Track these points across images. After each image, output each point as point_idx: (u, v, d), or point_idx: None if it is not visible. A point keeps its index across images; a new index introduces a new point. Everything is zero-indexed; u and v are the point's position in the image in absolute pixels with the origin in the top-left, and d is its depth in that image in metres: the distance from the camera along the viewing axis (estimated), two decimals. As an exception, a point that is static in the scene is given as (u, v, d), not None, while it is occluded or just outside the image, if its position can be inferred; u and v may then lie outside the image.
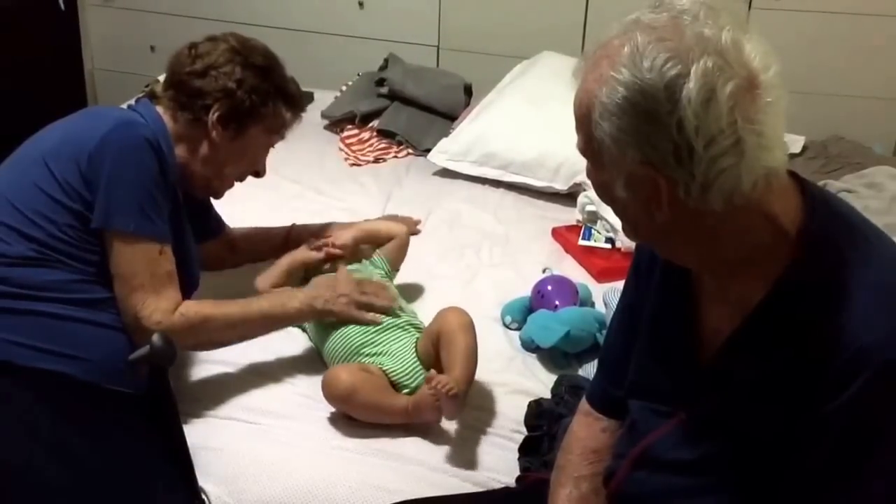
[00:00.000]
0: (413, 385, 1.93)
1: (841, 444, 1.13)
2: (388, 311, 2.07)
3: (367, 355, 1.98)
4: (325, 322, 2.06)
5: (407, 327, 2.06)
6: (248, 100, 1.94)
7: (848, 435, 1.12)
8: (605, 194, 1.22)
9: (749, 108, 1.07)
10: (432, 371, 1.88)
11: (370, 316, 2.04)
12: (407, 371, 1.95)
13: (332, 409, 1.90)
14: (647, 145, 1.10)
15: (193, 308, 1.84)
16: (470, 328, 1.96)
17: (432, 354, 1.97)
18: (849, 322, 1.10)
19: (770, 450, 1.19)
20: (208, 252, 2.24)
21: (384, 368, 1.95)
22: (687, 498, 1.29)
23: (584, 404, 1.55)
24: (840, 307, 1.11)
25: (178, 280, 1.84)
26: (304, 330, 2.16)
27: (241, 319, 1.92)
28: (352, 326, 2.03)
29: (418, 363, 1.98)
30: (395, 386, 1.94)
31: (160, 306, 1.78)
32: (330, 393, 1.88)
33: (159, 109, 1.96)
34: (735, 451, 1.23)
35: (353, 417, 1.88)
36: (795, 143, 3.25)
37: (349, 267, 2.18)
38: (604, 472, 1.44)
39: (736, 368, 1.22)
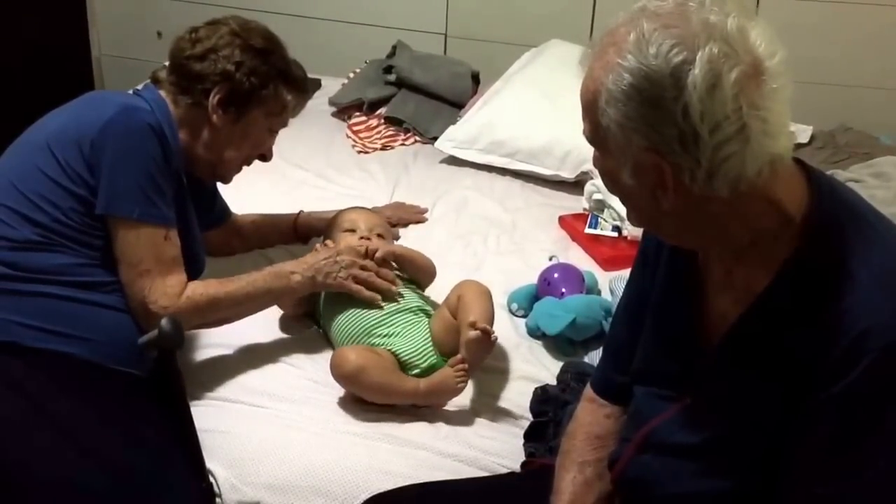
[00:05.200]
0: (423, 365, 1.95)
1: (844, 426, 1.14)
2: (386, 293, 2.07)
3: (377, 336, 1.99)
4: (334, 302, 2.07)
5: (418, 311, 2.07)
6: (248, 82, 1.94)
7: (851, 417, 1.13)
8: (612, 182, 1.23)
9: (754, 95, 1.08)
10: (456, 357, 1.90)
11: (367, 294, 2.05)
12: (418, 351, 1.97)
13: (340, 394, 1.91)
14: (652, 132, 1.11)
15: (199, 290, 1.85)
16: (488, 295, 2.03)
17: (451, 324, 1.99)
18: (852, 306, 1.11)
19: (774, 433, 1.20)
20: (215, 239, 2.25)
21: (394, 349, 1.97)
22: (691, 480, 1.30)
23: (588, 391, 1.57)
24: (844, 291, 1.12)
25: (183, 263, 1.85)
26: (316, 321, 2.17)
27: (246, 296, 1.93)
28: (363, 308, 2.04)
29: (430, 344, 1.99)
30: (405, 366, 1.96)
31: (167, 291, 1.79)
32: (338, 372, 1.89)
33: (163, 94, 1.96)
34: (739, 435, 1.24)
35: (362, 399, 1.89)
36: (803, 132, 3.24)
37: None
38: (608, 457, 1.46)
39: (741, 353, 1.23)
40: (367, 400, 1.89)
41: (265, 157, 2.10)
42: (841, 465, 1.16)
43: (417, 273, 2.21)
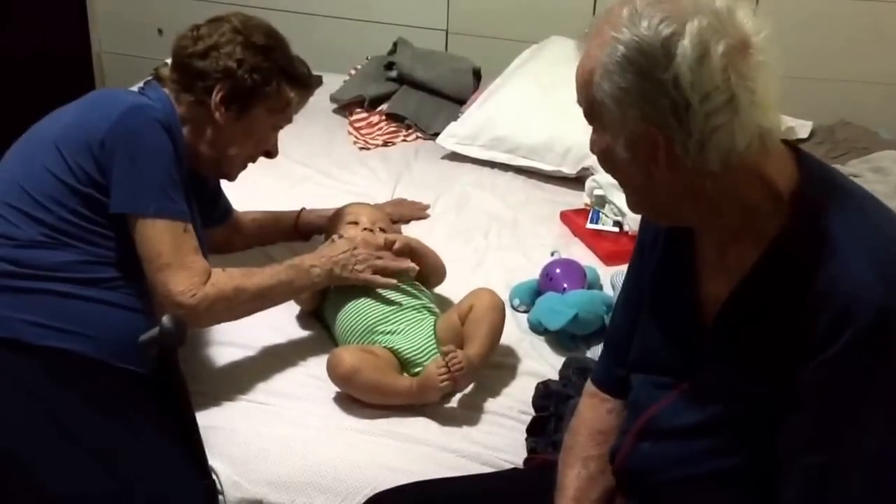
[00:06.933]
0: (426, 363, 1.95)
1: (834, 394, 1.16)
2: (405, 272, 2.10)
3: (380, 333, 1.99)
4: (339, 300, 2.08)
5: (422, 310, 2.07)
6: (250, 79, 1.94)
7: (840, 384, 1.16)
8: (607, 160, 1.26)
9: (742, 66, 1.12)
10: (450, 346, 1.91)
11: (383, 280, 2.05)
12: (420, 349, 1.97)
13: (341, 390, 1.91)
14: (645, 102, 1.14)
15: (224, 279, 1.84)
16: (501, 310, 2.03)
17: (458, 329, 2.00)
18: (839, 276, 1.14)
19: (771, 407, 1.21)
20: (216, 237, 2.25)
21: (396, 347, 1.97)
22: (691, 464, 1.32)
23: (589, 386, 1.57)
24: (830, 263, 1.15)
25: (201, 253, 1.85)
26: (321, 319, 2.17)
27: (269, 289, 1.92)
28: (368, 304, 2.04)
29: (433, 342, 1.99)
30: (407, 364, 1.96)
31: (192, 280, 1.79)
32: (333, 373, 1.90)
33: (166, 92, 1.96)
34: (738, 413, 1.26)
35: (358, 399, 1.90)
36: (803, 127, 3.24)
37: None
38: (609, 450, 1.47)
39: (734, 330, 1.26)
40: (362, 401, 1.89)
41: (270, 153, 2.10)
42: (832, 434, 1.17)
43: (428, 271, 2.21)
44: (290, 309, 2.17)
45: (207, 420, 1.77)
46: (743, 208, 1.21)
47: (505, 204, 2.86)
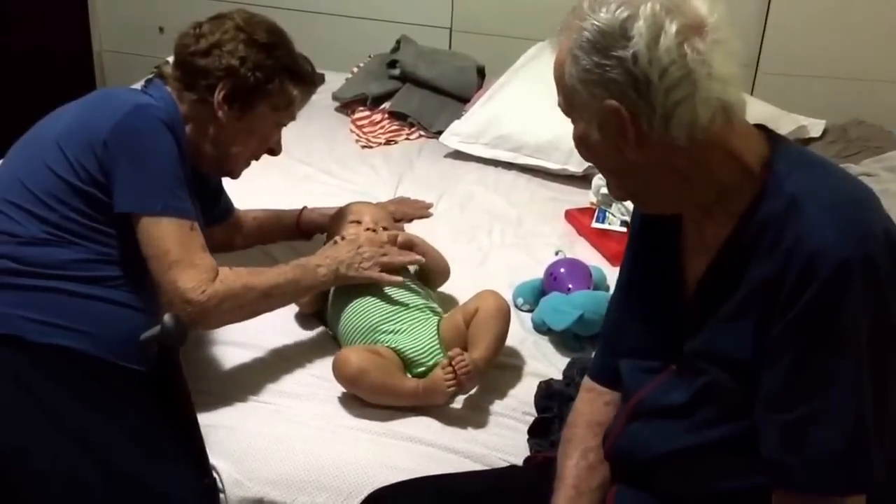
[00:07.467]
0: (429, 363, 1.94)
1: (803, 349, 1.19)
2: (410, 264, 2.09)
3: (383, 332, 1.98)
4: (342, 300, 2.06)
5: (425, 309, 2.05)
6: (253, 77, 1.93)
7: (809, 339, 1.18)
8: (584, 146, 1.32)
9: (697, 43, 1.20)
10: (457, 349, 1.90)
11: (388, 277, 2.04)
12: (424, 349, 1.96)
13: (344, 389, 1.90)
14: (609, 81, 1.22)
15: (232, 276, 1.82)
16: (507, 314, 2.01)
17: (462, 331, 1.98)
18: (803, 236, 1.18)
19: (754, 374, 1.24)
20: (218, 236, 2.24)
21: (399, 347, 1.95)
22: (680, 436, 1.34)
23: (586, 381, 1.59)
24: (796, 225, 1.19)
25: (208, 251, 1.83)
26: (323, 320, 2.15)
27: (276, 287, 1.90)
28: (371, 304, 2.03)
29: (436, 342, 1.98)
30: (410, 364, 1.95)
31: (201, 277, 1.77)
32: (340, 374, 1.88)
33: (169, 90, 1.95)
34: (724, 384, 1.29)
35: (363, 399, 1.88)
36: (815, 126, 3.23)
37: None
38: (602, 435, 1.49)
39: (712, 304, 1.30)
40: (368, 402, 1.88)
41: (273, 151, 2.09)
42: (803, 389, 1.20)
43: (431, 270, 2.19)
44: (292, 309, 2.15)
45: (208, 419, 1.77)
46: (717, 185, 1.27)
47: (509, 202, 2.85)
